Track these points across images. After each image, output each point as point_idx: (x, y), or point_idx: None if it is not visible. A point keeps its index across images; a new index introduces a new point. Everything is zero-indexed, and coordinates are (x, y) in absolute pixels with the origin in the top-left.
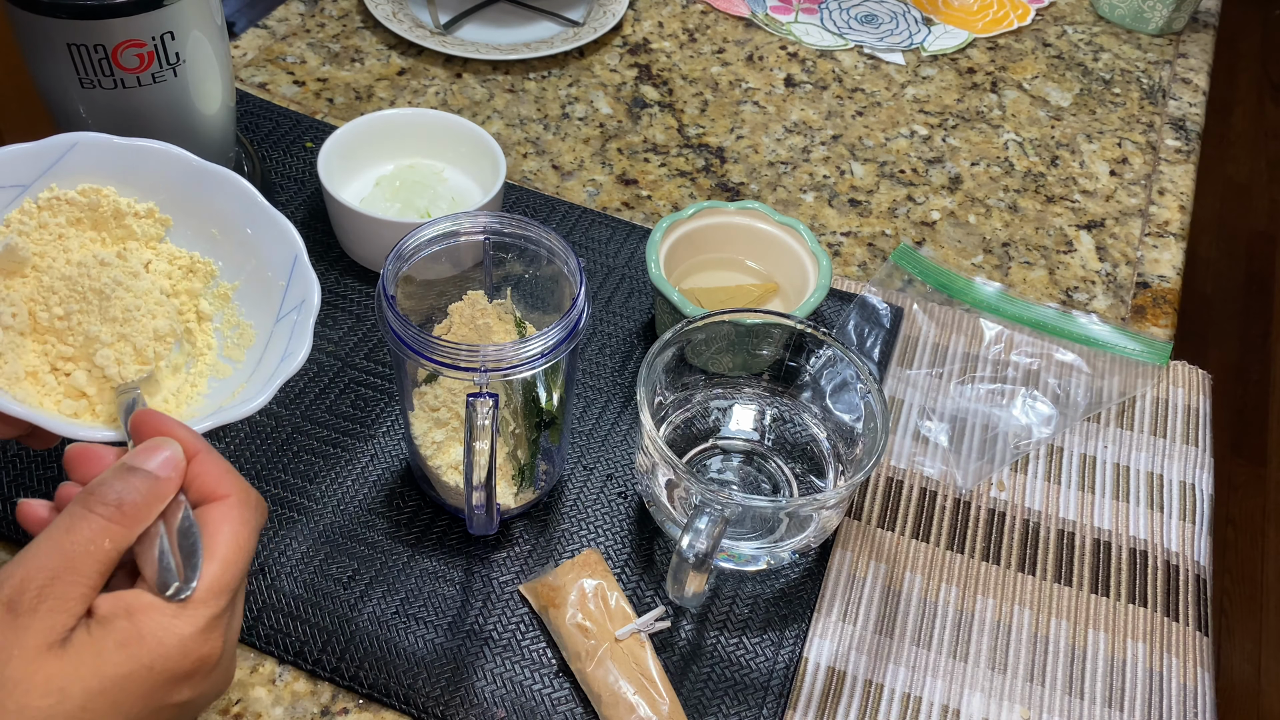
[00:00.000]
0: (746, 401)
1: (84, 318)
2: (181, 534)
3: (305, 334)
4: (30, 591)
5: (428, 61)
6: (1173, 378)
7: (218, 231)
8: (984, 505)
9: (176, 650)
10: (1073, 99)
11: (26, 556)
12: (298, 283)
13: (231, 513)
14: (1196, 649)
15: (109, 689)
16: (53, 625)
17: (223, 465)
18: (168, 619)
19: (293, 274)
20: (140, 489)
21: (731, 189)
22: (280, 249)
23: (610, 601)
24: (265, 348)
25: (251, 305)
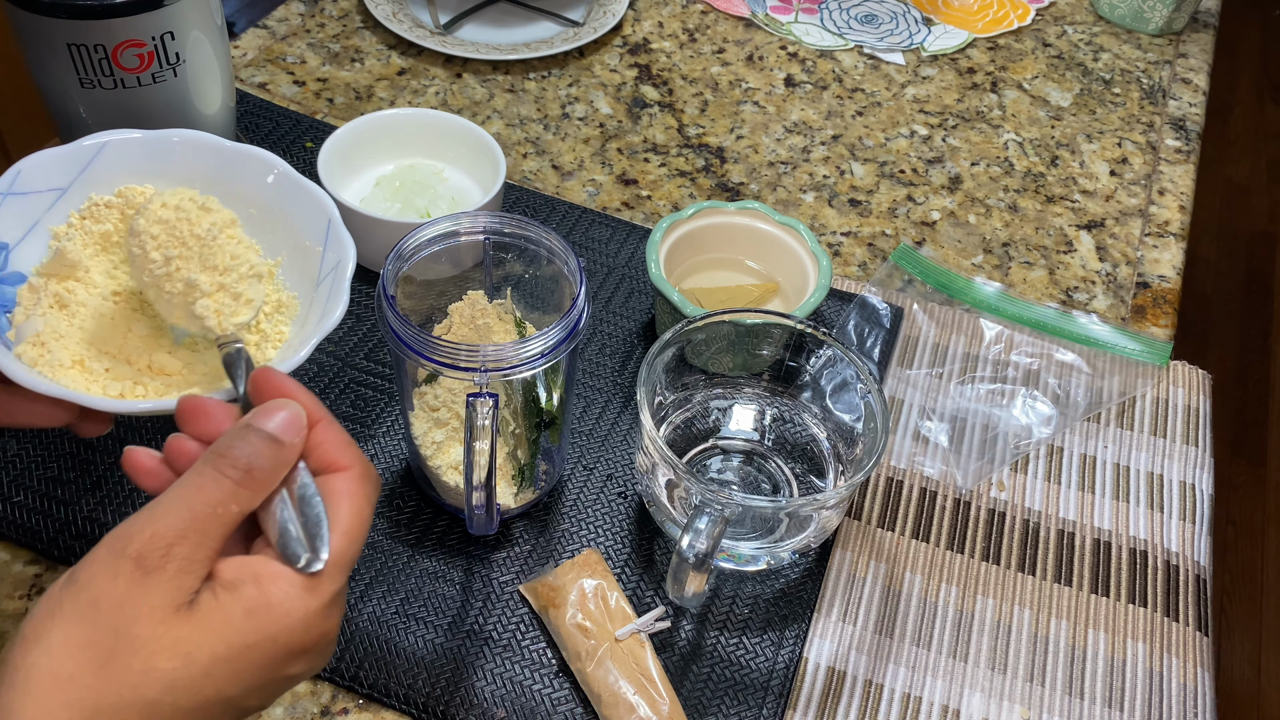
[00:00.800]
0: (746, 401)
1: (184, 264)
2: (303, 502)
3: (342, 292)
4: (158, 550)
5: (428, 61)
6: (1173, 378)
7: (255, 210)
8: (984, 505)
9: (301, 624)
10: (1073, 99)
11: (155, 513)
12: (333, 246)
13: (354, 486)
14: (1196, 649)
15: (233, 657)
16: (180, 586)
17: (344, 435)
18: (297, 591)
19: (328, 239)
20: (267, 453)
21: (731, 189)
22: (314, 216)
23: (610, 601)
24: (307, 314)
25: (294, 277)
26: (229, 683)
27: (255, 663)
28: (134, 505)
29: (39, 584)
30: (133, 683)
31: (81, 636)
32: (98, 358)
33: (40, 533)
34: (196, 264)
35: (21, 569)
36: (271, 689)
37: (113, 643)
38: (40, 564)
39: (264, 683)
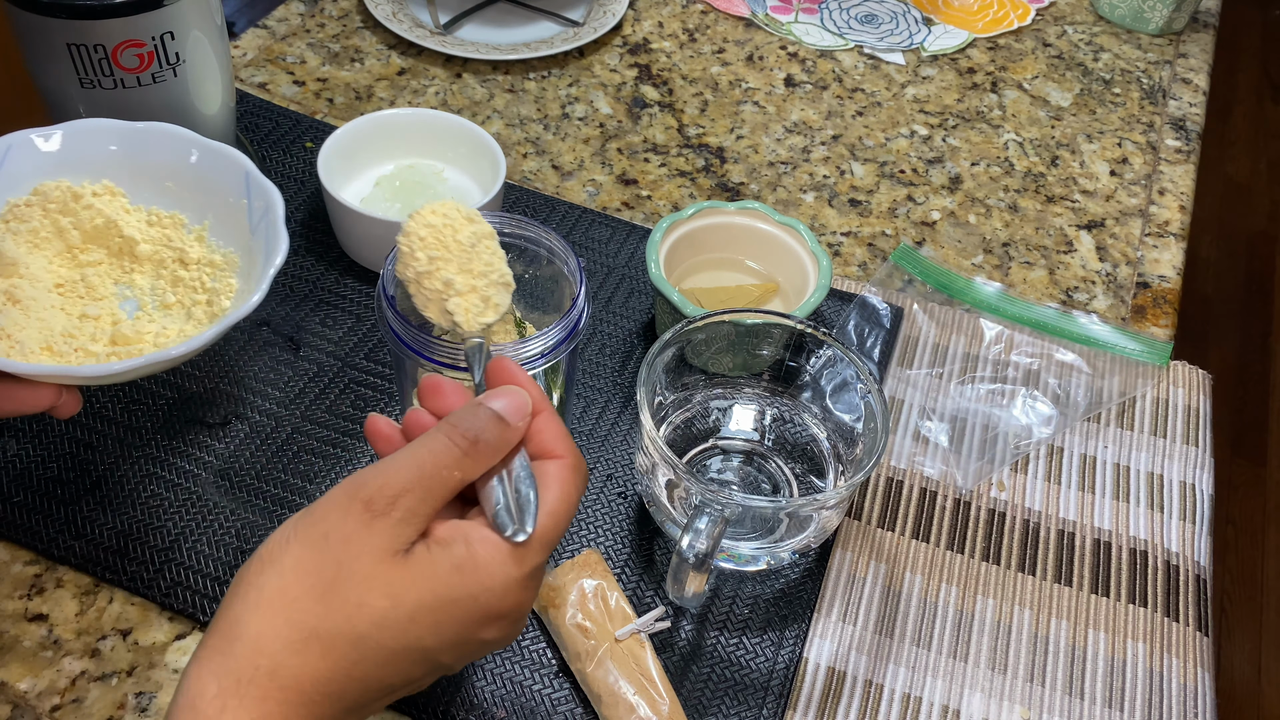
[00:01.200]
0: (746, 401)
1: (444, 265)
2: (518, 480)
3: (279, 233)
4: (386, 497)
5: (428, 61)
6: (1173, 378)
7: (172, 183)
8: (984, 505)
9: (500, 588)
10: (1073, 99)
11: (389, 467)
12: (256, 194)
13: (565, 473)
14: (1196, 649)
15: (436, 607)
16: (400, 534)
17: (561, 428)
18: (501, 556)
19: (249, 189)
20: (493, 430)
21: (731, 189)
22: (231, 173)
23: (610, 601)
24: (250, 264)
25: (226, 235)
26: (429, 632)
27: (455, 617)
28: (134, 505)
29: (39, 584)
30: (347, 614)
31: (310, 564)
32: (63, 342)
33: (40, 533)
34: (455, 266)
35: (21, 569)
36: (466, 649)
37: (335, 574)
38: (40, 564)
39: (460, 640)
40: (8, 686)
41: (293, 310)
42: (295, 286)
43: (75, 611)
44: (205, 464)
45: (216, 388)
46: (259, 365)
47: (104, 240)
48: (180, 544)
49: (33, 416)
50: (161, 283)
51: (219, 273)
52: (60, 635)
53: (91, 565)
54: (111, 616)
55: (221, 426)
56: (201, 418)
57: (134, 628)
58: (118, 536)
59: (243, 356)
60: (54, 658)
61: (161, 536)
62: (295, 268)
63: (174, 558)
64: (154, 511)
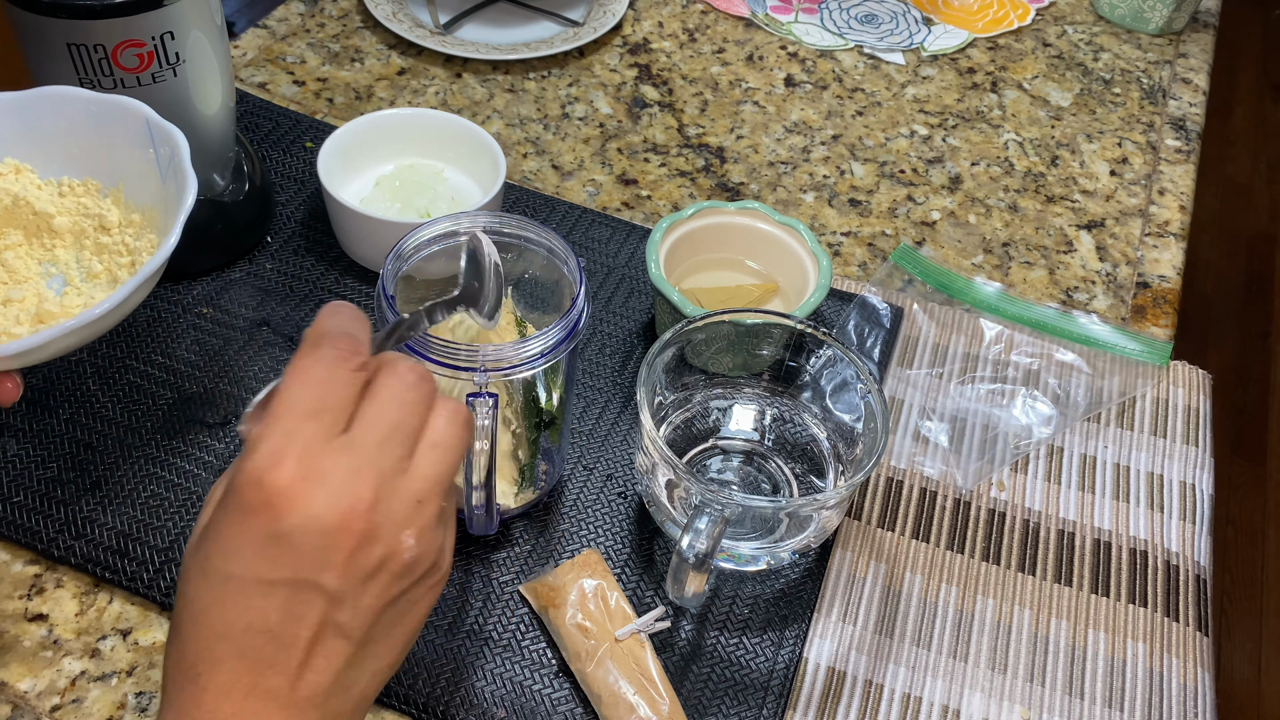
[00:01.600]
0: (746, 401)
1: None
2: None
3: (186, 175)
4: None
5: (428, 61)
6: (1173, 378)
7: (77, 149)
8: (984, 505)
9: (241, 468)
10: (1073, 99)
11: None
12: (161, 141)
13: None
14: (1196, 649)
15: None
16: None
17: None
18: (247, 446)
19: (153, 137)
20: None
21: (731, 189)
22: (131, 125)
23: (610, 601)
24: (167, 214)
25: (141, 191)
26: (214, 543)
27: (219, 519)
28: (133, 505)
29: (39, 584)
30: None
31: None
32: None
33: (40, 533)
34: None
35: (21, 569)
36: (260, 561)
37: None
38: (40, 564)
39: (235, 547)
40: (8, 686)
41: (293, 310)
42: (295, 286)
43: (75, 611)
44: (205, 464)
45: (216, 388)
46: (259, 365)
47: (17, 220)
48: (180, 544)
49: (32, 417)
50: (85, 253)
51: (141, 231)
52: (60, 635)
53: (91, 565)
54: (111, 616)
55: (221, 426)
56: (201, 418)
57: (134, 628)
58: (118, 536)
59: (243, 356)
60: (54, 658)
61: (161, 536)
62: (295, 268)
63: (174, 558)
64: (154, 511)
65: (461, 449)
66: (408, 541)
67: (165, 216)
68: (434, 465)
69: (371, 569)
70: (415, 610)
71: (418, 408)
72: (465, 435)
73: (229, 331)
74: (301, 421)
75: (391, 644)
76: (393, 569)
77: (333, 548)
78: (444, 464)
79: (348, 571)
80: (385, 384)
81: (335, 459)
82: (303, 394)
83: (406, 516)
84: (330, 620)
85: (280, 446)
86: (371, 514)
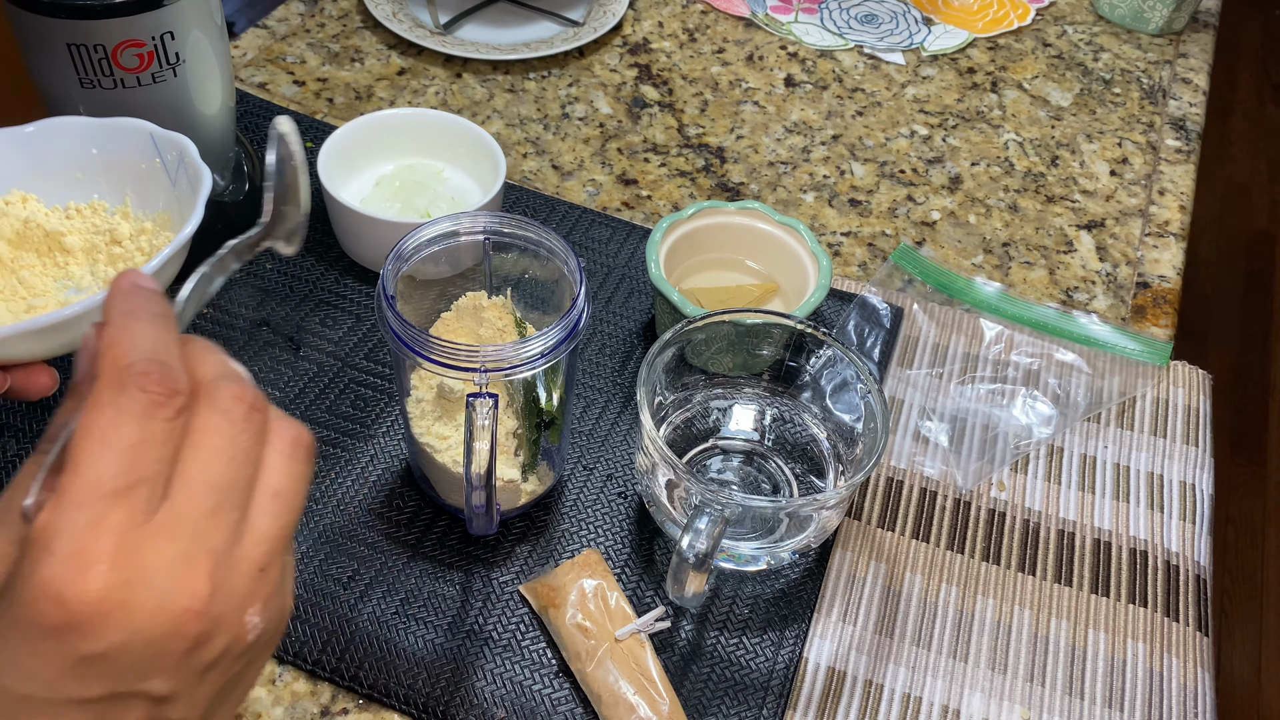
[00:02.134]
0: (746, 401)
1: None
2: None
3: (199, 169)
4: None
5: (428, 61)
6: (1173, 378)
7: (80, 174)
8: (984, 505)
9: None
10: (1073, 99)
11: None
12: (166, 148)
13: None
14: (1196, 649)
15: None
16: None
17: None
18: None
19: (158, 147)
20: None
21: (731, 189)
22: (135, 141)
23: (610, 601)
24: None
25: (150, 200)
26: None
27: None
28: None
29: None
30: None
31: None
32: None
33: None
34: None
35: None
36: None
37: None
38: None
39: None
40: None
41: (293, 310)
42: (295, 286)
43: None
44: None
45: None
46: (259, 365)
47: (29, 244)
48: None
49: (32, 417)
50: (99, 265)
51: (154, 235)
52: None
53: None
54: None
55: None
56: None
57: None
58: None
59: (242, 356)
60: None
61: None
62: (295, 268)
63: None
64: None
65: (305, 489)
66: (252, 620)
67: (180, 215)
68: (275, 520)
69: (210, 661)
70: (250, 675)
71: (251, 451)
72: (308, 471)
73: (229, 331)
74: (109, 505)
75: (225, 716)
76: (235, 653)
77: (162, 655)
78: (287, 515)
79: (181, 673)
80: (209, 427)
81: (158, 548)
82: (107, 465)
83: (249, 593)
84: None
85: (84, 546)
86: (209, 608)
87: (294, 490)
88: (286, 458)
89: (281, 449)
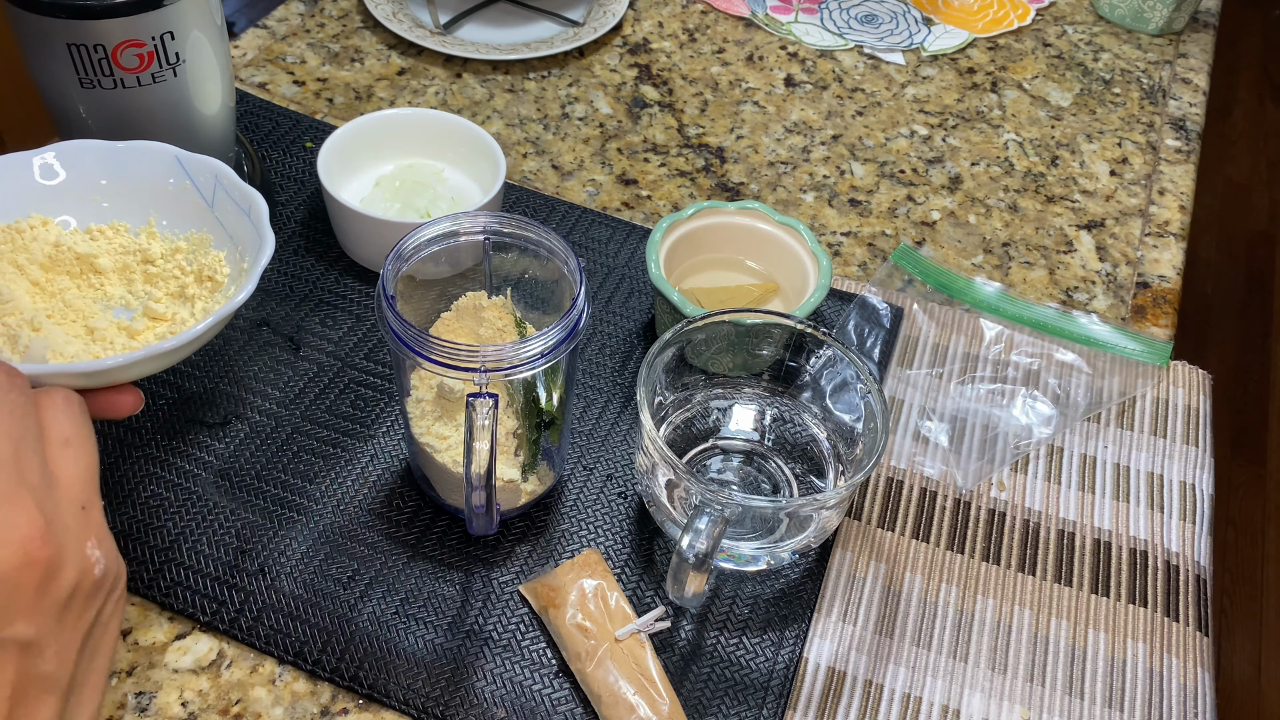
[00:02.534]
0: (746, 401)
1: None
2: None
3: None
4: None
5: (428, 61)
6: (1173, 378)
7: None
8: (984, 505)
9: None
10: (1073, 99)
11: None
12: (196, 170)
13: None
14: (1196, 649)
15: None
16: None
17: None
18: None
19: (185, 169)
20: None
21: (731, 189)
22: (158, 165)
23: (610, 601)
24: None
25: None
26: None
27: None
28: (133, 505)
29: None
30: None
31: None
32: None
33: None
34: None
35: None
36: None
37: None
38: None
39: None
40: None
41: (293, 310)
42: (295, 286)
43: None
44: (205, 464)
45: (216, 388)
46: (259, 365)
47: (60, 267)
48: (180, 544)
49: None
50: (137, 284)
51: (192, 253)
52: None
53: None
54: None
55: (221, 426)
56: (201, 418)
57: (134, 628)
58: (118, 536)
59: (243, 356)
60: None
61: (161, 536)
62: (295, 268)
63: (174, 558)
64: (154, 511)
65: (90, 436)
66: (94, 554)
67: (220, 235)
68: (75, 463)
69: (64, 597)
70: (109, 634)
71: (25, 407)
72: (87, 420)
73: (229, 331)
74: None
75: (95, 682)
76: (85, 590)
77: (18, 589)
78: (84, 458)
79: (40, 612)
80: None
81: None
82: None
83: (81, 527)
84: (30, 674)
85: None
86: (50, 536)
87: (81, 436)
88: (63, 411)
89: (56, 404)
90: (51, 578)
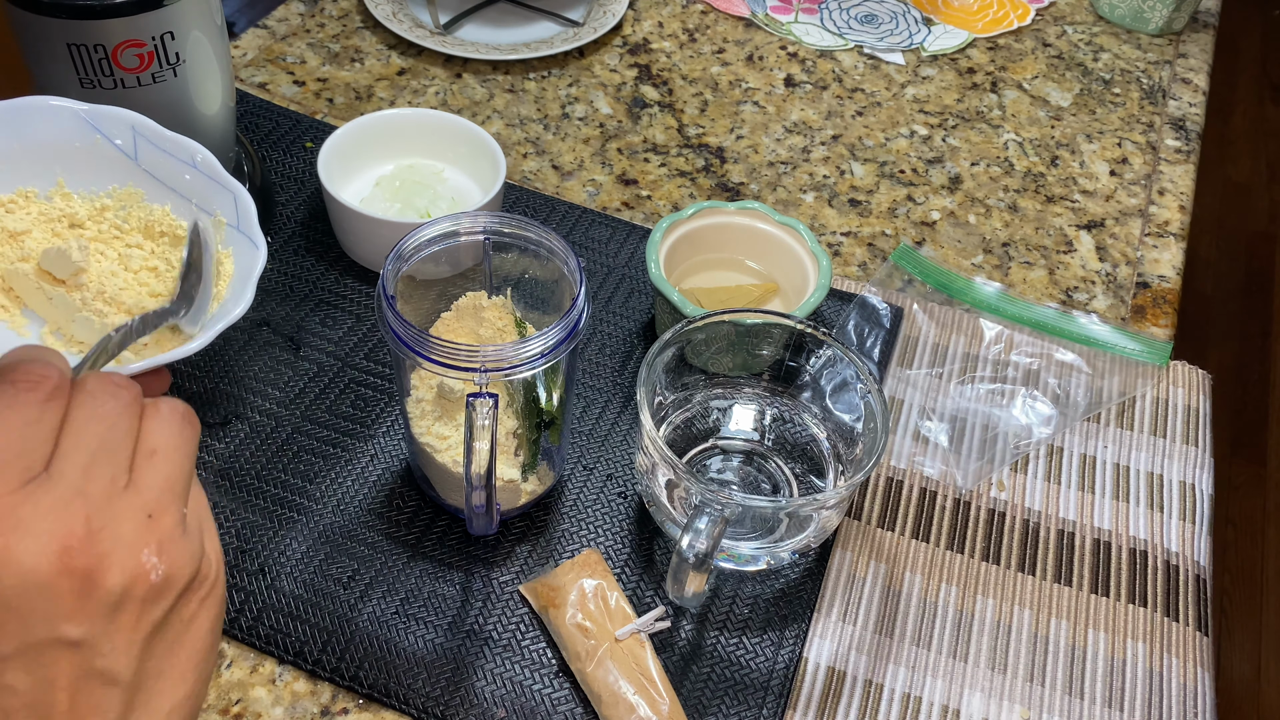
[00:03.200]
0: (746, 401)
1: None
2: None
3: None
4: None
5: (428, 61)
6: (1173, 378)
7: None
8: (984, 505)
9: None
10: (1073, 99)
11: None
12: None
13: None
14: (1196, 649)
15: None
16: None
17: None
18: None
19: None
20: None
21: (731, 189)
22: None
23: (610, 601)
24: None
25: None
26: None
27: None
28: None
29: None
30: None
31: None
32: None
33: None
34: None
35: None
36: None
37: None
38: None
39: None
40: None
41: (293, 310)
42: (295, 286)
43: None
44: (205, 464)
45: (216, 388)
46: (259, 365)
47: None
48: None
49: None
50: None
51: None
52: None
53: None
54: None
55: (221, 426)
56: (202, 418)
57: None
58: None
59: (243, 356)
60: None
61: None
62: (295, 268)
63: None
64: None
65: (186, 447)
66: (150, 560)
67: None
68: (156, 471)
69: (114, 601)
70: (194, 629)
71: (123, 418)
72: (187, 431)
73: (229, 331)
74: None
75: (178, 673)
76: (140, 594)
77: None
78: (169, 468)
79: (86, 614)
80: (79, 404)
81: (35, 502)
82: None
83: (138, 535)
84: (87, 671)
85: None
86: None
87: (171, 446)
88: (161, 421)
89: (158, 414)
90: (94, 583)
